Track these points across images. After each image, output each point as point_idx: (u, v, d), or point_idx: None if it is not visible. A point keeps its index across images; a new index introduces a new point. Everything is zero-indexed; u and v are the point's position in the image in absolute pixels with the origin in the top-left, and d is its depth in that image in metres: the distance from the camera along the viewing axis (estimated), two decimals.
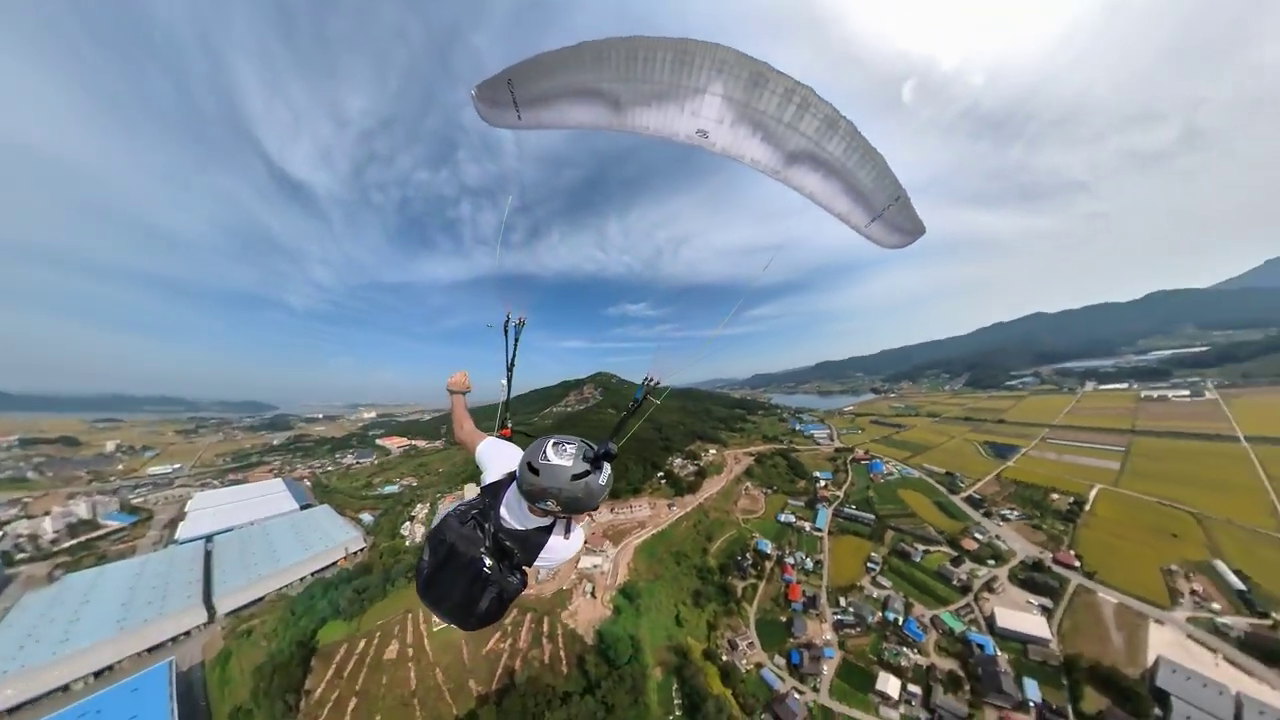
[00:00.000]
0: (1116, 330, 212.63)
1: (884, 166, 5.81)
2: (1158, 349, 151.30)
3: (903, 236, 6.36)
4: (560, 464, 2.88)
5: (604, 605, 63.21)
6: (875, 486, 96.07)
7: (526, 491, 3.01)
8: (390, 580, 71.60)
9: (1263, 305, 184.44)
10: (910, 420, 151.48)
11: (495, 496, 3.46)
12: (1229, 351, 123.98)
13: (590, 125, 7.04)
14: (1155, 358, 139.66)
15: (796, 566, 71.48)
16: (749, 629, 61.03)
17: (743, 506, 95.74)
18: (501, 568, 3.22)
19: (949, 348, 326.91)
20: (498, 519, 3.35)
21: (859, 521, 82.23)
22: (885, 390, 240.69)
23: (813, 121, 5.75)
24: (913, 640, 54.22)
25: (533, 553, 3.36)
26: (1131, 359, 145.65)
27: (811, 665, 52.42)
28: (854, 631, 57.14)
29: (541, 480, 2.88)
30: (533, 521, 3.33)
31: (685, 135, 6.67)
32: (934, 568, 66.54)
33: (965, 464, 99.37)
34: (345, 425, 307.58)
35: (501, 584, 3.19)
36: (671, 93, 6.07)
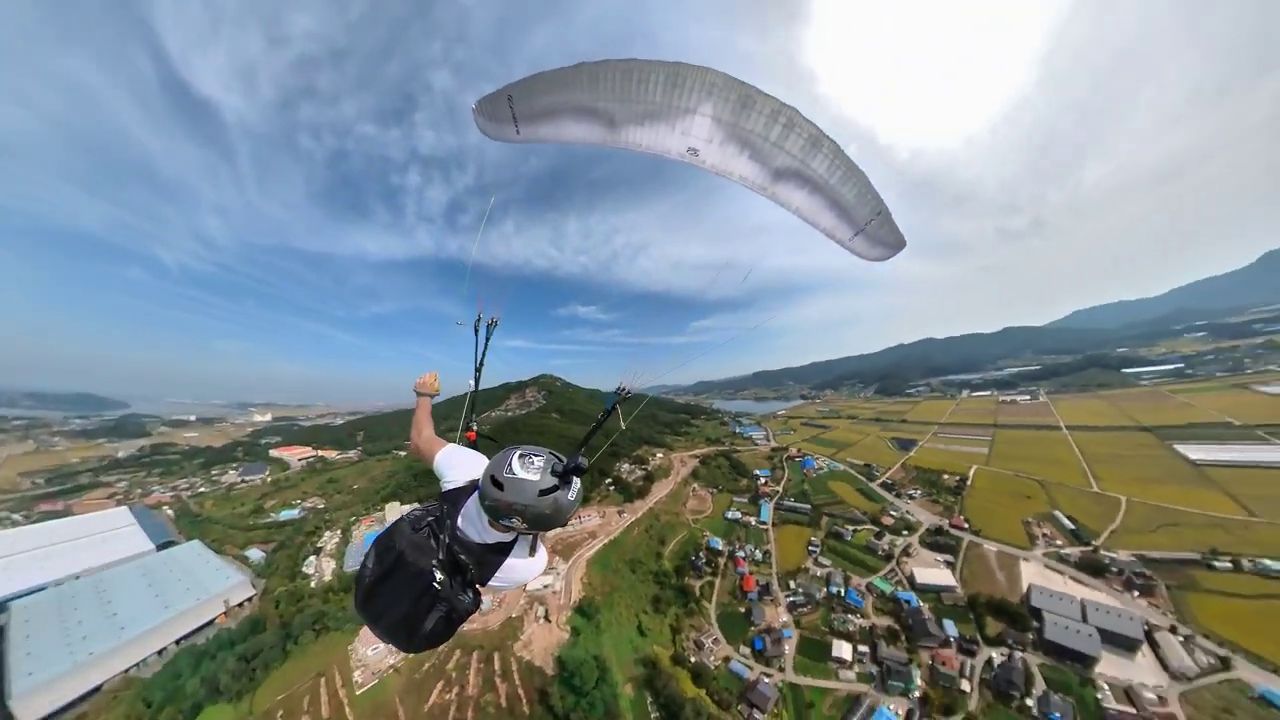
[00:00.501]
0: (982, 353, 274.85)
1: (865, 183, 6.02)
2: (1009, 367, 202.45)
3: (885, 249, 6.58)
4: (527, 478, 2.64)
5: (560, 628, 59.54)
6: (808, 480, 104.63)
7: (490, 507, 2.74)
8: (292, 637, 56.40)
9: (1073, 340, 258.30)
10: (834, 422, 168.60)
11: (454, 504, 3.14)
12: (1053, 369, 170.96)
13: (586, 141, 7.10)
14: (1008, 373, 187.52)
15: (747, 559, 74.81)
16: (712, 626, 62.06)
17: (692, 507, 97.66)
18: (454, 583, 2.87)
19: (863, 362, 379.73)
20: (454, 529, 3.03)
21: (797, 512, 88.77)
22: (812, 396, 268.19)
23: (798, 141, 6.00)
24: (855, 607, 60.51)
25: (489, 570, 3.05)
26: (992, 374, 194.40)
27: (774, 648, 55.13)
28: (806, 609, 61.56)
29: (506, 495, 2.63)
30: (492, 536, 3.03)
31: (677, 153, 6.91)
32: (862, 543, 74.77)
33: (878, 456, 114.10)
34: (229, 431, 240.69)
35: (452, 601, 2.82)
36: (664, 113, 6.31)
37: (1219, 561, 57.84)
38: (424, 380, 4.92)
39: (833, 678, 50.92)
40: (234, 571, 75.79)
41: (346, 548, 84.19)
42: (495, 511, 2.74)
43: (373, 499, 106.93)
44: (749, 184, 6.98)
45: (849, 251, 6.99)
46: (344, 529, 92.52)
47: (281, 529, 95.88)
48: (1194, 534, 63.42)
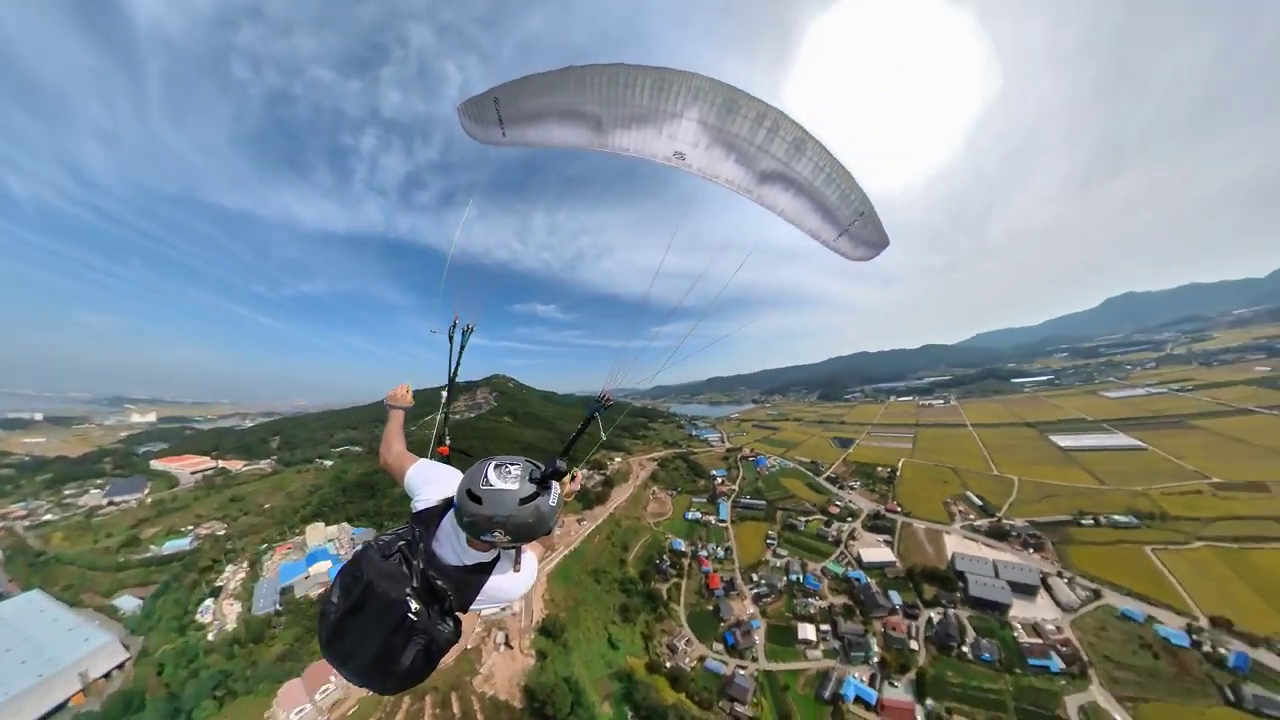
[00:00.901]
0: (906, 365, 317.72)
1: (850, 185, 5.98)
2: (927, 377, 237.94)
3: (868, 249, 6.60)
4: (505, 488, 2.46)
5: (524, 654, 55.15)
6: (762, 478, 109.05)
7: (469, 523, 2.52)
8: (184, 711, 44.07)
9: (975, 356, 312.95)
10: (782, 424, 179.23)
11: (427, 526, 2.85)
12: (960, 379, 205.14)
13: (573, 145, 6.90)
14: (925, 382, 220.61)
15: (710, 557, 75.97)
16: (683, 627, 61.71)
17: (652, 510, 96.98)
18: (431, 613, 2.57)
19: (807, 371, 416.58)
20: (429, 553, 2.75)
21: (754, 508, 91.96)
22: (763, 401, 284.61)
23: (782, 144, 6.00)
24: (813, 590, 64.16)
25: (470, 594, 2.79)
26: (914, 382, 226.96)
27: (745, 640, 56.31)
28: (770, 599, 63.87)
29: (485, 509, 2.43)
30: (471, 556, 2.78)
31: (663, 157, 6.83)
32: (814, 532, 79.60)
33: (822, 454, 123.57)
34: (93, 435, 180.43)
35: (430, 633, 2.54)
36: (650, 117, 6.25)
37: (1085, 520, 70.37)
38: (396, 393, 4.60)
39: (802, 659, 53.31)
40: (95, 630, 55.81)
41: (256, 585, 67.61)
42: (475, 528, 2.51)
43: (290, 520, 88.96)
44: (735, 187, 6.96)
45: (834, 252, 6.97)
46: (252, 560, 73.93)
47: (166, 565, 73.38)
48: (1066, 501, 76.78)
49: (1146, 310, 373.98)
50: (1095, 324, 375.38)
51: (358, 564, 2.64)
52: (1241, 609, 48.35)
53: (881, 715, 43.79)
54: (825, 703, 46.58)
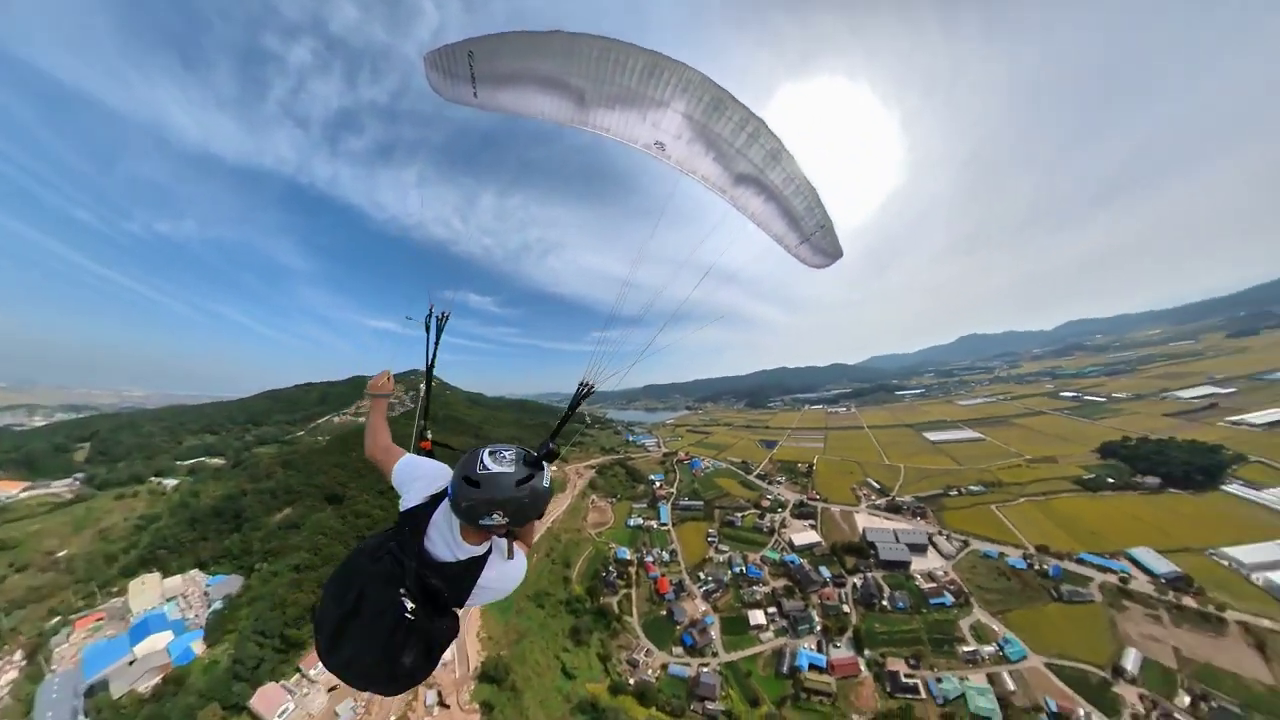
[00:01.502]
0: (816, 379, 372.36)
1: (816, 198, 6.28)
2: (834, 390, 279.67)
3: (824, 258, 6.92)
4: (502, 471, 2.52)
5: (465, 710, 47.91)
6: (698, 479, 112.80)
7: (468, 508, 2.50)
8: None
9: (870, 374, 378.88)
10: (714, 429, 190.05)
11: (416, 524, 2.78)
12: (859, 391, 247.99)
13: (550, 117, 6.42)
14: (833, 394, 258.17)
15: (656, 562, 75.26)
16: (640, 638, 59.40)
17: (593, 520, 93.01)
18: (427, 612, 2.55)
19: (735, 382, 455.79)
20: (421, 552, 2.69)
21: (693, 509, 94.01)
22: (695, 408, 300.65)
23: (760, 151, 6.18)
24: (756, 579, 67.33)
25: (465, 589, 2.74)
26: (824, 393, 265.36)
27: (702, 638, 56.62)
28: (719, 594, 65.32)
29: (484, 492, 2.46)
30: (466, 550, 2.73)
31: (644, 144, 6.65)
32: (750, 525, 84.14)
33: (751, 454, 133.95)
34: None
35: (429, 632, 2.54)
36: (637, 101, 6.02)
37: (951, 492, 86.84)
38: (377, 381, 4.40)
39: (757, 643, 55.71)
40: None
41: (40, 687, 43.85)
42: (473, 512, 2.51)
43: (102, 574, 62.07)
44: (710, 185, 7.00)
45: (794, 257, 7.29)
46: (32, 648, 48.66)
47: None
48: (937, 479, 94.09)
49: (983, 346, 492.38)
50: (951, 354, 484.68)
51: (348, 571, 2.61)
52: (1051, 539, 65.67)
53: (833, 674, 48.80)
54: (785, 677, 49.85)
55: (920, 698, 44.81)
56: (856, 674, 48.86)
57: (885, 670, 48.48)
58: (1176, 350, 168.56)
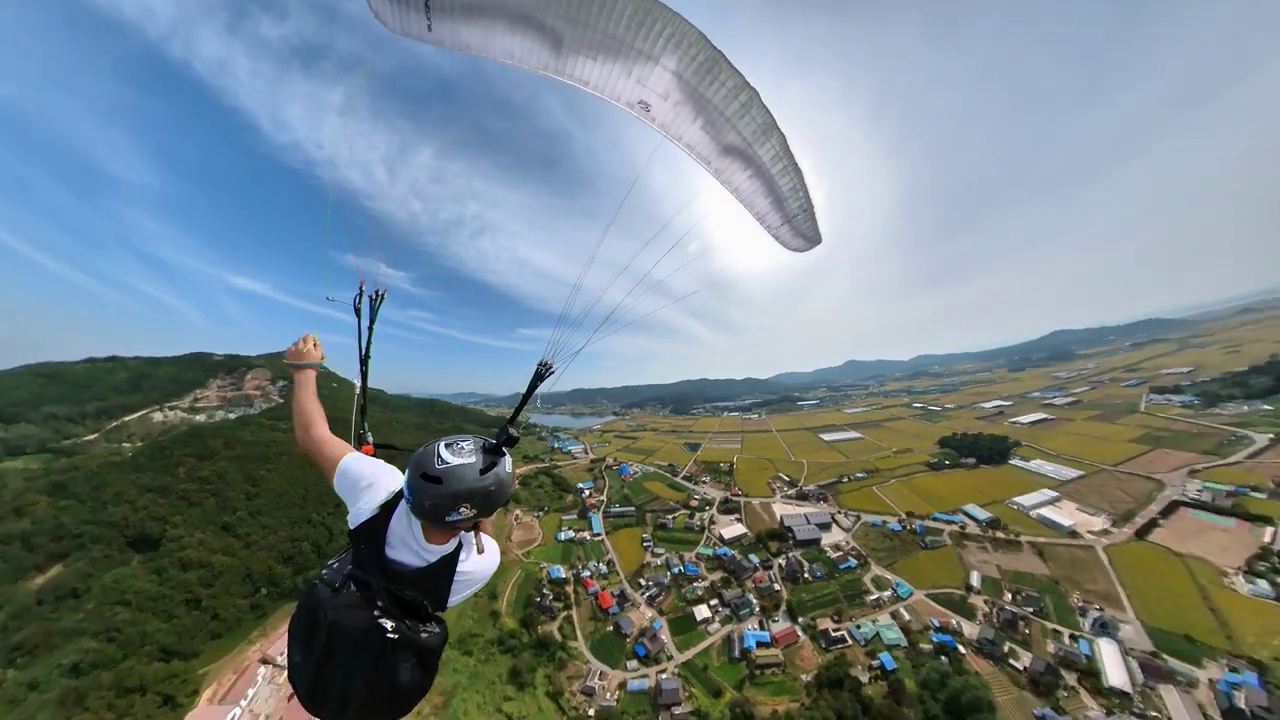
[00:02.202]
0: (734, 390, 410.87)
1: (801, 180, 5.96)
2: (748, 399, 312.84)
3: (804, 242, 6.68)
4: (463, 462, 2.30)
5: None
6: (627, 485, 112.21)
7: (432, 507, 2.27)
8: None
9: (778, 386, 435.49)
10: (641, 434, 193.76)
11: (371, 538, 2.49)
12: (768, 401, 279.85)
13: (519, 61, 5.39)
14: (747, 403, 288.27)
15: (594, 575, 71.91)
16: (590, 662, 54.55)
17: (519, 539, 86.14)
18: (409, 624, 2.32)
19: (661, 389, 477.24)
20: (386, 566, 2.42)
21: (625, 515, 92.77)
22: (623, 413, 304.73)
23: (751, 124, 5.71)
24: (695, 576, 68.60)
25: (443, 590, 2.52)
26: (740, 402, 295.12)
27: (654, 645, 55.01)
28: (662, 597, 64.81)
29: (446, 487, 2.24)
30: (434, 551, 2.50)
31: (627, 101, 5.86)
32: (682, 525, 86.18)
33: (677, 457, 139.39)
34: None
35: (417, 645, 2.31)
36: (622, 51, 5.22)
37: (844, 479, 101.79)
38: (299, 348, 3.64)
39: (706, 636, 56.82)
40: None
41: None
42: (438, 510, 2.28)
43: None
44: (695, 154, 6.44)
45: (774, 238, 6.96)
46: None
47: None
48: (833, 470, 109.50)
49: (861, 369, 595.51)
50: (838, 374, 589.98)
51: (310, 612, 2.28)
52: (915, 506, 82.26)
53: (777, 645, 53.32)
54: (738, 660, 52.21)
55: (849, 645, 52.58)
56: (796, 640, 54.09)
57: (818, 630, 54.96)
58: (980, 378, 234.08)
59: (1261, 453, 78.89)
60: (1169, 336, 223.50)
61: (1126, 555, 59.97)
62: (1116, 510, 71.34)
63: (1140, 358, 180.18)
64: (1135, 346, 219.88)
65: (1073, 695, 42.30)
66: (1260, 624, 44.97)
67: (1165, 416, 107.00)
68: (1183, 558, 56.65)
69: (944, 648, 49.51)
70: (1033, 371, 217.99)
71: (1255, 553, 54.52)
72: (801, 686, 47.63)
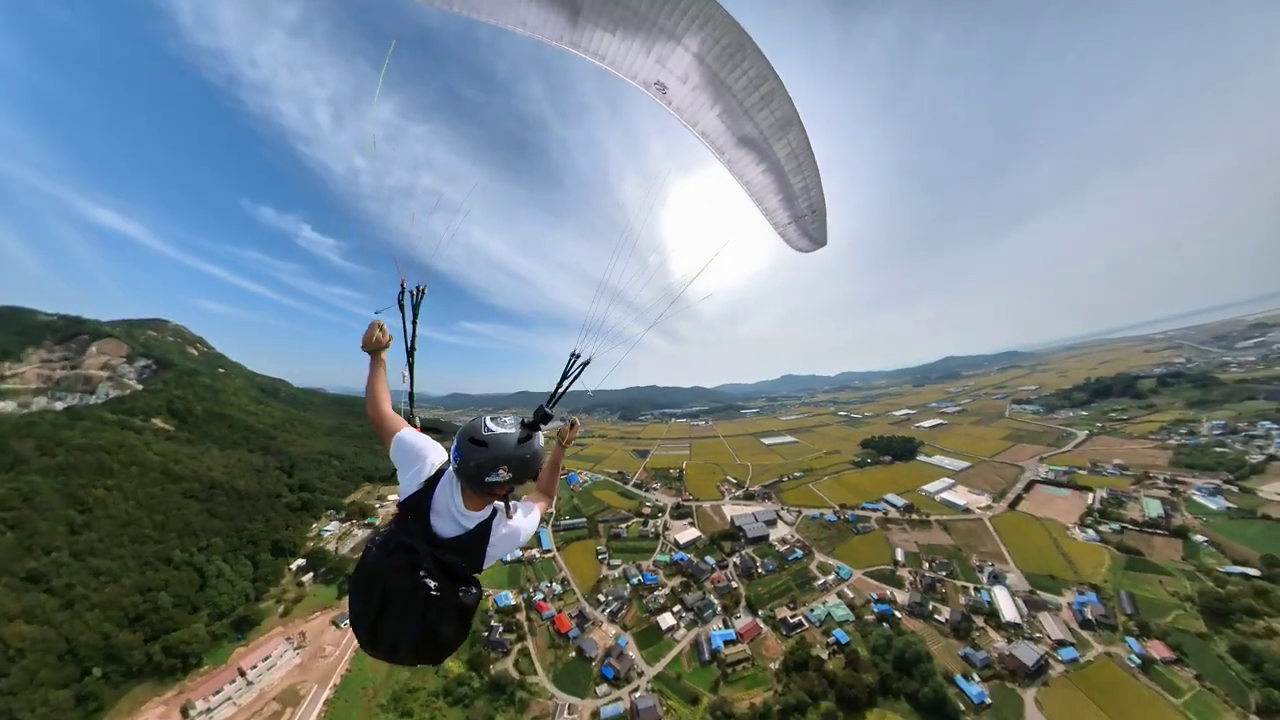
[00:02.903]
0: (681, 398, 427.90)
1: (815, 179, 5.68)
2: (695, 407, 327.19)
3: (810, 243, 6.42)
4: (505, 432, 2.79)
5: None
6: (576, 494, 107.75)
7: (475, 467, 2.69)
8: None
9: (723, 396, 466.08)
10: (589, 440, 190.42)
11: (417, 509, 2.90)
12: (714, 409, 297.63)
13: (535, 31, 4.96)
14: (694, 410, 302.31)
15: (548, 597, 66.11)
16: (556, 696, 49.34)
17: None
18: (451, 585, 2.69)
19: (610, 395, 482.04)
20: (429, 533, 2.84)
21: (576, 527, 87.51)
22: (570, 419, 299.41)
23: (770, 117, 5.36)
24: (655, 584, 67.50)
25: (479, 554, 2.93)
26: (688, 409, 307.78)
27: (623, 663, 51.73)
28: (623, 611, 62.34)
29: (491, 450, 2.69)
30: (471, 518, 2.91)
31: (643, 80, 5.49)
32: (636, 534, 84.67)
33: (626, 464, 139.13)
34: None
35: (456, 603, 2.69)
36: (644, 28, 4.85)
37: (784, 479, 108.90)
38: (371, 334, 3.81)
39: (674, 644, 55.51)
40: None
41: None
42: (480, 470, 2.69)
43: None
44: (709, 142, 6.07)
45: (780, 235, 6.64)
46: None
47: None
48: (775, 471, 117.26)
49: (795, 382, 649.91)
50: (776, 386, 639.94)
51: (366, 570, 2.74)
52: (845, 498, 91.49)
53: (743, 641, 54.32)
54: (708, 663, 51.91)
55: (806, 628, 55.72)
56: (760, 632, 55.72)
57: (777, 620, 57.28)
58: (891, 391, 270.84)
59: (1082, 444, 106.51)
60: (1022, 364, 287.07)
61: (1005, 523, 74.90)
62: (995, 490, 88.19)
63: (1004, 378, 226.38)
64: (1001, 370, 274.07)
65: (982, 634, 51.85)
66: (1093, 560, 60.70)
67: (1022, 420, 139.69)
68: (1040, 520, 73.07)
69: (884, 616, 55.66)
70: (931, 387, 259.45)
71: (1084, 511, 73.27)
72: (772, 675, 49.22)
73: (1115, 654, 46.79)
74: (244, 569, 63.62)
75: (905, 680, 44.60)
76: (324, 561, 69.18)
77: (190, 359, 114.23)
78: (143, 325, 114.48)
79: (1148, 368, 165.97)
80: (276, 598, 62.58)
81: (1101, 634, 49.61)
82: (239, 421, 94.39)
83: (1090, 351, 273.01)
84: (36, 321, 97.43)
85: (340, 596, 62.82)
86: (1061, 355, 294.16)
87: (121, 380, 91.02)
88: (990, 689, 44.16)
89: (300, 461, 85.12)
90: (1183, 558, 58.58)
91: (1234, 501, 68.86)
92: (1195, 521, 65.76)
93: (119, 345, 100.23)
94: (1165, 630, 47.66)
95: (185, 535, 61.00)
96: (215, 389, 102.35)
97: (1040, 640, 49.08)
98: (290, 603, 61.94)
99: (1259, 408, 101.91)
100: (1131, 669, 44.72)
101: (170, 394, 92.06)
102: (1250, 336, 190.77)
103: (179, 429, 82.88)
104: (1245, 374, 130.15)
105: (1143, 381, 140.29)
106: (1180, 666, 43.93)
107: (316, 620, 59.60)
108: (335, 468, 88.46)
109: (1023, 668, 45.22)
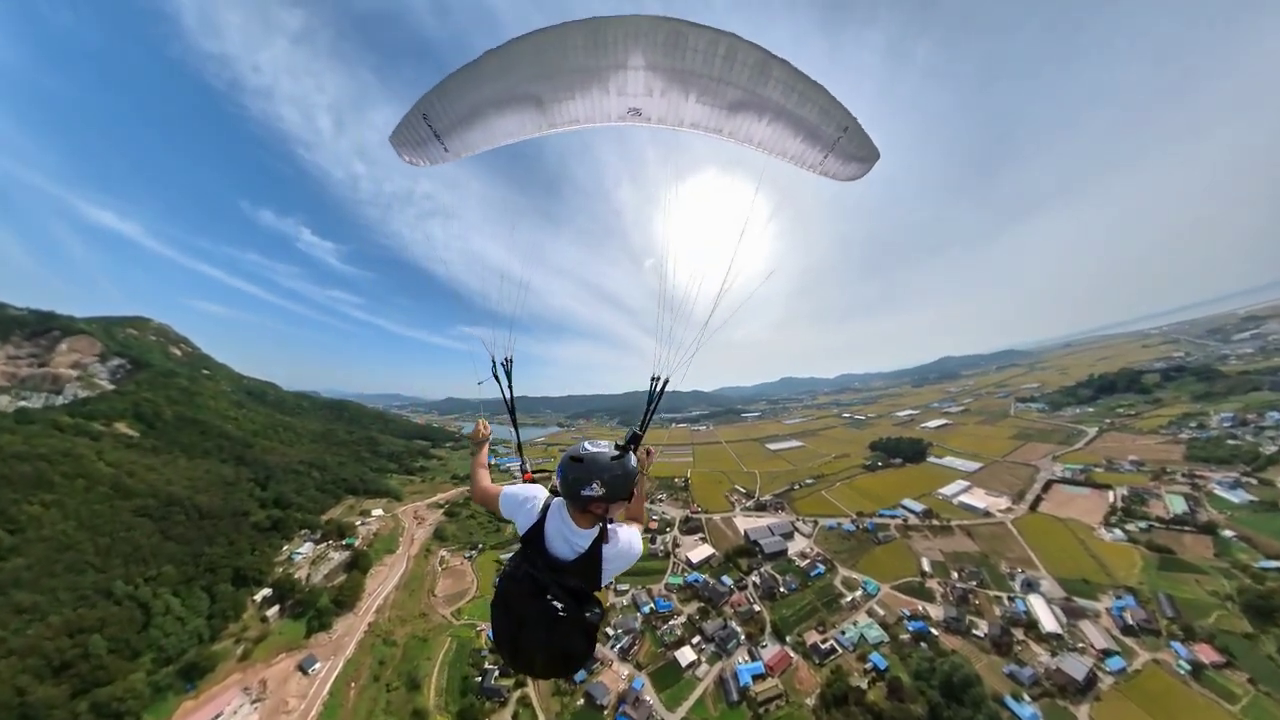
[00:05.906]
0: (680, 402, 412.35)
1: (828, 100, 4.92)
2: (695, 410, 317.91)
3: (859, 165, 5.46)
4: (600, 451, 3.09)
5: None
6: None
7: (574, 480, 2.97)
8: None
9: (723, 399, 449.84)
10: None
11: (535, 542, 3.18)
12: (714, 413, 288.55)
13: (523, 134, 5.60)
14: (694, 414, 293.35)
15: None
16: None
17: (446, 591, 64.24)
18: (573, 605, 2.89)
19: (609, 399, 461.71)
20: (550, 560, 3.09)
21: None
22: (568, 424, 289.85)
23: (743, 70, 4.84)
24: (669, 612, 60.61)
25: (596, 573, 3.10)
26: (688, 414, 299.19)
27: (640, 712, 44.58)
28: (636, 646, 54.10)
29: (587, 466, 2.98)
30: (583, 538, 3.11)
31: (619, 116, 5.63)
32: (645, 552, 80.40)
33: None
34: None
35: (582, 620, 2.91)
36: (593, 76, 5.07)
37: (795, 487, 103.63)
38: (478, 430, 5.00)
39: (696, 683, 47.95)
40: None
41: None
42: (578, 484, 2.94)
43: None
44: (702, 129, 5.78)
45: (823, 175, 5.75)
46: None
47: None
48: (785, 478, 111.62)
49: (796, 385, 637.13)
50: (775, 389, 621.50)
51: (504, 598, 3.00)
52: (861, 505, 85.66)
53: (774, 674, 48.00)
54: (737, 704, 44.63)
55: (839, 654, 49.81)
56: (790, 663, 49.29)
57: (808, 646, 50.93)
58: (891, 393, 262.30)
59: (1093, 440, 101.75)
60: (1020, 363, 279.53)
61: (1028, 525, 70.02)
62: (1013, 491, 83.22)
63: (1004, 377, 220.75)
64: (999, 369, 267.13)
65: (1024, 648, 46.99)
66: (1124, 561, 56.67)
67: (1028, 419, 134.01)
68: (1064, 521, 68.34)
69: (921, 634, 50.32)
70: (930, 387, 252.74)
71: (1107, 510, 68.95)
72: (809, 713, 42.69)
73: (1163, 660, 42.79)
74: (198, 603, 51.59)
75: (956, 708, 39.46)
76: (292, 592, 57.18)
77: (171, 359, 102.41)
78: (122, 323, 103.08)
79: (1149, 362, 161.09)
80: (236, 636, 51.22)
81: (1145, 640, 45.45)
82: (213, 428, 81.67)
83: (1087, 348, 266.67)
84: (5, 316, 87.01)
85: (309, 635, 54.19)
86: (1059, 353, 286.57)
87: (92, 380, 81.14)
88: (1042, 708, 40.15)
89: (277, 472, 71.75)
90: (1215, 554, 54.65)
91: (1255, 494, 65.05)
92: (1221, 517, 61.79)
93: (92, 343, 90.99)
94: (1210, 632, 43.82)
95: (132, 562, 49.91)
96: (192, 392, 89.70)
97: (1085, 651, 44.80)
98: (251, 642, 50.65)
99: (1265, 399, 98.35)
100: (1182, 676, 40.80)
101: (139, 396, 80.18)
102: (1245, 329, 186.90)
103: (144, 435, 71.00)
104: (1246, 366, 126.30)
105: (1147, 376, 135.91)
106: (1231, 670, 40.09)
107: (281, 664, 48.41)
108: (315, 479, 75.12)
109: (1073, 683, 41.01)
